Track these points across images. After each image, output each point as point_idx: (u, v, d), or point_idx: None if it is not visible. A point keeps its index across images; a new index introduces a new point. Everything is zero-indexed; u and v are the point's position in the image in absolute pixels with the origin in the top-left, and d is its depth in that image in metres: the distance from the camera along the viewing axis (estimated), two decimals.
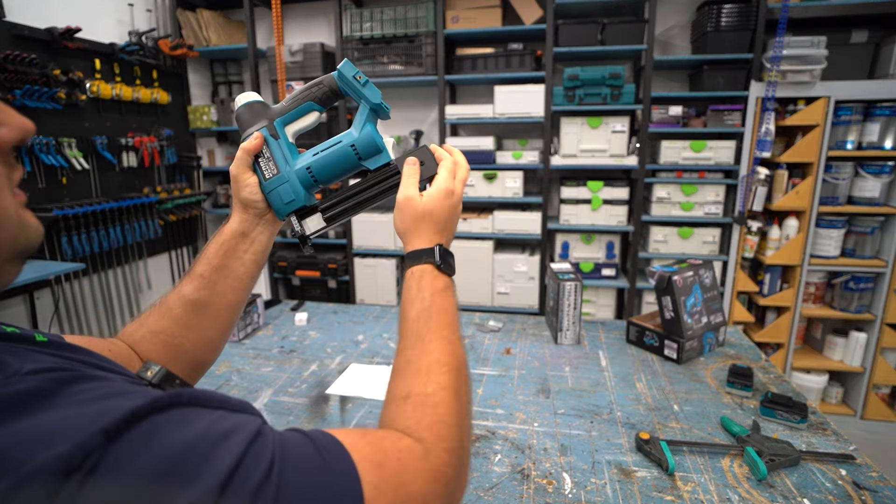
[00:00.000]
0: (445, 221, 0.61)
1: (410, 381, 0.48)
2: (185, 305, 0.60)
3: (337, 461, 0.36)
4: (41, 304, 2.22)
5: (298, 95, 0.67)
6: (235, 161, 0.64)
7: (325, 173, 0.66)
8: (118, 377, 0.37)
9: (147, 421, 0.30)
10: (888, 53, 2.30)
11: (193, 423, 0.32)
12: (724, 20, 2.33)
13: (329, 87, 0.66)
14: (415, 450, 0.41)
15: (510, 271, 2.74)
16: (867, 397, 2.50)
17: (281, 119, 0.66)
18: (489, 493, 0.81)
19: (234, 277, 0.63)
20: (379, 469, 0.38)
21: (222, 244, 0.63)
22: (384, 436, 0.42)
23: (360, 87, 0.64)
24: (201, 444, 0.31)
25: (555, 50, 2.48)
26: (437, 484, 0.40)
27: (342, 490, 0.35)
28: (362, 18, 2.68)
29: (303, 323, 1.57)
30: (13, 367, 0.31)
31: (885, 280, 2.37)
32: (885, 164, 2.31)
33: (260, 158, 0.65)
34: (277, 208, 0.65)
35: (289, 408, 1.08)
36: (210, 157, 3.16)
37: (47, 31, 2.16)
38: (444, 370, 0.49)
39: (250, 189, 0.64)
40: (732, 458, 0.89)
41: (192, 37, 2.93)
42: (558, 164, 2.61)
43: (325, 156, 0.65)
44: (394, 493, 0.37)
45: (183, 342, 0.60)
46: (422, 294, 0.55)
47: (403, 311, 0.55)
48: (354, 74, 0.64)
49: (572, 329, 1.39)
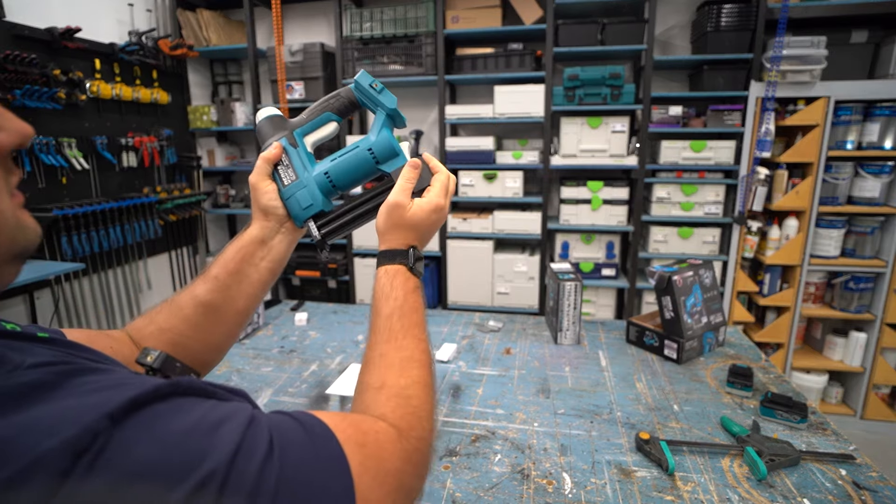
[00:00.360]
0: (425, 232, 0.64)
1: (384, 373, 0.51)
2: (197, 307, 0.61)
3: (325, 442, 0.38)
4: (41, 303, 2.22)
5: (317, 107, 0.69)
6: (255, 170, 0.66)
7: (344, 178, 0.67)
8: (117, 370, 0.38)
9: (149, 408, 0.31)
10: (888, 53, 2.30)
11: (190, 411, 0.33)
12: (724, 20, 2.33)
13: (347, 98, 0.68)
14: (389, 433, 0.44)
15: (510, 271, 2.74)
16: (867, 397, 2.50)
17: (300, 130, 0.68)
18: (489, 493, 0.81)
19: (248, 283, 0.64)
20: (361, 448, 0.40)
21: (240, 249, 0.64)
22: (362, 419, 0.45)
23: (377, 94, 0.66)
24: (203, 427, 0.32)
25: (555, 50, 2.48)
26: (409, 464, 0.44)
27: (333, 468, 0.37)
28: (362, 18, 2.68)
29: (303, 323, 1.57)
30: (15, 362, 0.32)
31: (884, 280, 2.37)
32: (884, 164, 2.31)
33: (279, 166, 0.66)
34: (295, 213, 0.66)
35: (289, 408, 1.07)
36: (210, 157, 3.16)
37: (47, 31, 2.16)
38: (416, 365, 0.52)
39: (269, 196, 0.65)
40: (732, 458, 0.89)
41: (192, 37, 2.93)
42: (558, 164, 2.61)
43: (342, 160, 0.67)
44: (375, 470, 0.40)
45: (189, 342, 0.61)
46: (395, 293, 0.58)
47: (376, 308, 0.58)
48: (371, 83, 0.66)
49: (572, 329, 1.39)
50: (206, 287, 0.62)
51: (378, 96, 0.66)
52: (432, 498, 0.80)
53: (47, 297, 2.25)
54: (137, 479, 0.28)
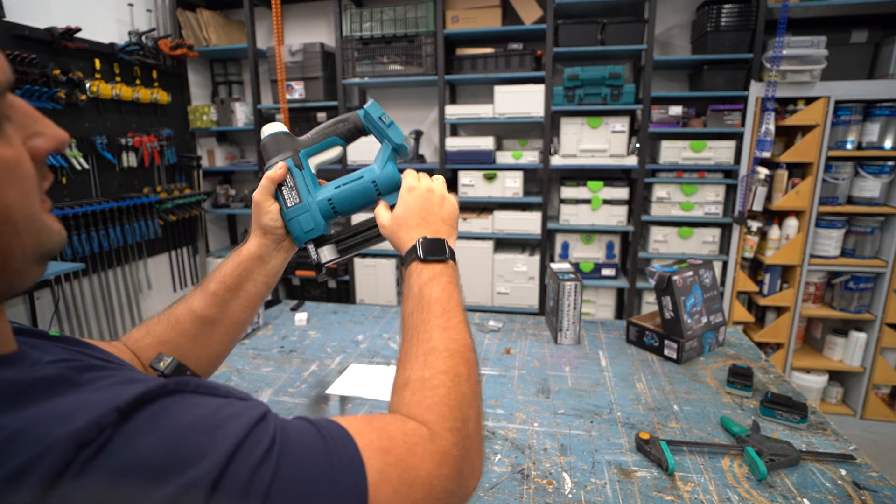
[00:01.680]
0: (418, 214, 0.64)
1: (409, 369, 0.50)
2: (196, 321, 0.63)
3: (340, 445, 0.37)
4: (41, 303, 2.22)
5: (323, 130, 0.70)
6: (259, 188, 0.67)
7: (346, 206, 0.69)
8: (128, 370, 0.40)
9: (156, 403, 0.32)
10: (888, 53, 2.30)
11: (199, 406, 0.33)
12: (724, 20, 2.33)
13: (354, 125, 0.70)
14: (420, 432, 0.42)
15: (510, 271, 2.74)
16: (867, 397, 2.50)
17: (305, 151, 0.69)
18: (489, 493, 0.81)
19: (246, 297, 0.66)
20: (384, 454, 0.38)
21: (239, 265, 0.66)
22: (389, 420, 0.42)
23: (385, 127, 0.68)
24: (206, 424, 0.32)
25: (555, 50, 2.48)
26: (444, 466, 0.41)
27: (345, 473, 0.36)
28: (362, 18, 2.68)
29: (303, 323, 1.57)
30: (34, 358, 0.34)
31: (884, 280, 2.37)
32: (884, 164, 2.31)
33: (283, 187, 0.67)
34: (296, 235, 0.68)
35: (289, 408, 1.08)
36: (210, 157, 3.16)
37: (47, 31, 2.16)
38: (442, 356, 0.50)
39: (271, 216, 0.67)
40: (732, 458, 0.89)
41: (192, 37, 2.93)
42: (558, 164, 2.61)
43: (346, 189, 0.69)
44: (399, 478, 0.38)
45: (188, 354, 0.62)
46: (411, 291, 0.58)
47: (402, 311, 0.58)
48: (380, 115, 0.68)
49: (572, 329, 1.39)
50: (204, 302, 0.64)
51: (387, 130, 0.68)
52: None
53: (47, 297, 2.25)
54: (134, 472, 0.28)
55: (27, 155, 0.33)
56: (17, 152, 0.32)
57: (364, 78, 2.75)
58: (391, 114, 3.13)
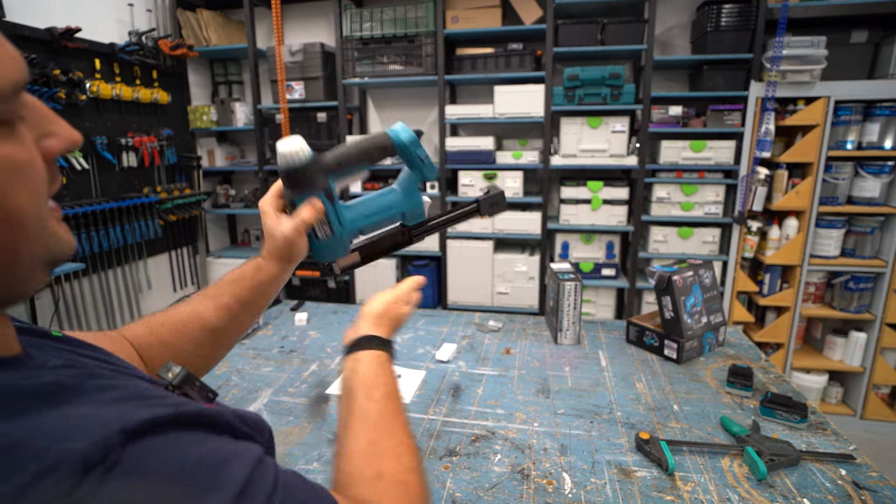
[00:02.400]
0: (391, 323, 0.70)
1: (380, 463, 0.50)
2: (205, 330, 0.65)
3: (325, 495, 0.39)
4: (41, 303, 2.22)
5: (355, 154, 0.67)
6: (294, 228, 0.65)
7: (371, 229, 0.74)
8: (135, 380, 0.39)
9: (169, 432, 0.31)
10: (888, 53, 2.30)
11: (205, 442, 0.34)
12: (723, 20, 2.33)
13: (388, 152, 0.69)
14: None
15: (510, 271, 2.74)
16: (867, 397, 2.50)
17: (334, 176, 0.68)
18: (489, 492, 0.81)
19: (256, 308, 0.69)
20: None
21: (260, 284, 0.67)
22: None
23: (422, 163, 0.70)
24: (213, 460, 0.32)
25: (555, 50, 2.48)
26: None
27: None
28: (362, 18, 2.68)
29: (303, 323, 1.57)
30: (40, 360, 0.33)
31: (884, 280, 2.37)
32: (884, 164, 2.31)
33: None
34: (321, 257, 0.72)
35: (289, 408, 1.08)
36: (210, 157, 3.16)
37: (47, 31, 2.16)
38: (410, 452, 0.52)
39: (304, 252, 0.69)
40: (732, 458, 0.89)
41: (192, 37, 2.93)
42: (558, 164, 2.61)
43: (375, 219, 0.73)
44: None
45: (189, 357, 0.64)
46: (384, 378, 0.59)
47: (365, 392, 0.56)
48: (419, 154, 0.69)
49: (572, 329, 1.39)
50: (216, 314, 0.65)
51: (423, 166, 0.70)
52: (432, 498, 0.80)
53: (47, 297, 2.25)
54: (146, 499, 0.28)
55: (40, 156, 0.33)
56: (31, 154, 0.32)
57: (364, 78, 2.75)
58: (391, 114, 3.14)
